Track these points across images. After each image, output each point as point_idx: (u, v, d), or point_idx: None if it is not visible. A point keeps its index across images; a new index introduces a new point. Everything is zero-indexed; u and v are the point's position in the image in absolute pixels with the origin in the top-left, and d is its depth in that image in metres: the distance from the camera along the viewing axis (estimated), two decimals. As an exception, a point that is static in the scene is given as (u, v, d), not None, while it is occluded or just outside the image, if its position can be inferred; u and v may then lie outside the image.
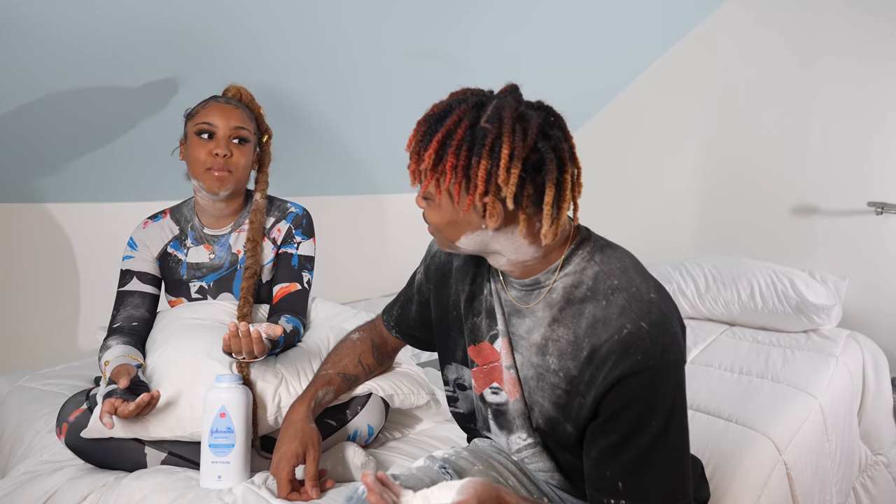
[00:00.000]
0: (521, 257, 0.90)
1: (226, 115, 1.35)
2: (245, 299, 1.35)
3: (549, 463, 0.98)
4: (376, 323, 1.28)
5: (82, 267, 2.00)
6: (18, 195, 1.85)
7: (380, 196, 2.88)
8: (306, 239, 1.47)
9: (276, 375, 1.26)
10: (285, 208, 1.48)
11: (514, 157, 0.80)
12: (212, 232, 1.45)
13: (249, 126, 1.39)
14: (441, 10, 1.93)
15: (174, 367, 1.24)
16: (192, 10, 1.52)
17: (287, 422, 1.14)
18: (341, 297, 2.58)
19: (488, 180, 0.81)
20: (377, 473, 0.79)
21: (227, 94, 1.45)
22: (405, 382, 1.34)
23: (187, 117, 1.40)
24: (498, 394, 0.99)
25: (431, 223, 0.91)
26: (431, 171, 0.84)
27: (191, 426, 1.18)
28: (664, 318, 0.85)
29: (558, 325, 0.91)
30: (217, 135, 1.34)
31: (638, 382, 0.82)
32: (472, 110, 0.83)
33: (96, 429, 1.16)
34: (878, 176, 2.39)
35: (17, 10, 1.31)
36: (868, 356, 2.14)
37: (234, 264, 1.43)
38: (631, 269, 0.90)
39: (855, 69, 2.42)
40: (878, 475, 2.05)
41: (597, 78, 2.86)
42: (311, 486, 1.08)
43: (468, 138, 0.82)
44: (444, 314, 1.08)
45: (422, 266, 1.15)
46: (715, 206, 2.85)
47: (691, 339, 2.23)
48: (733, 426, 1.52)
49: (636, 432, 0.83)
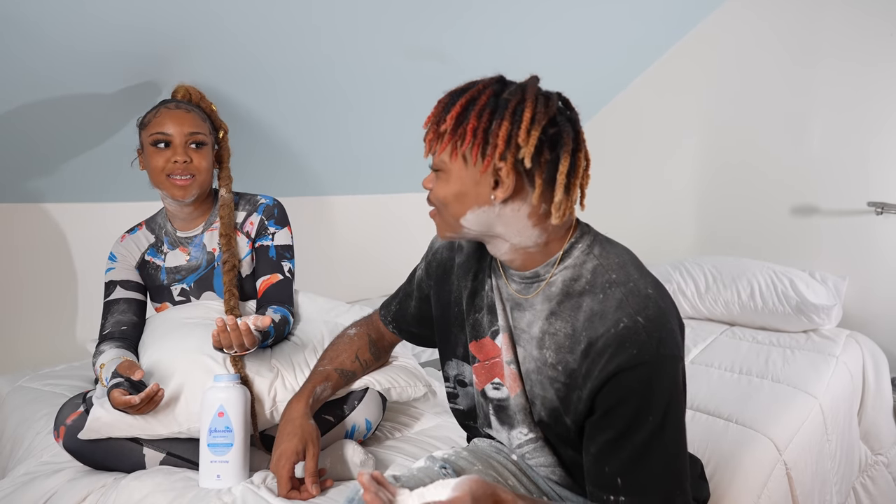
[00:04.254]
0: (523, 242, 0.90)
1: (179, 121, 1.34)
2: (230, 293, 1.35)
3: (551, 458, 0.99)
4: (373, 318, 1.28)
5: (83, 267, 2.00)
6: (18, 195, 1.85)
7: (379, 196, 2.88)
8: (280, 228, 1.46)
9: (271, 370, 1.26)
10: (255, 201, 1.48)
11: (535, 122, 0.83)
12: (185, 234, 1.45)
13: (203, 128, 1.38)
14: (438, 9, 1.93)
15: (167, 365, 1.24)
16: (192, 10, 1.52)
17: (285, 419, 1.14)
18: (340, 297, 2.56)
19: (508, 141, 0.83)
20: (372, 473, 0.79)
21: (175, 95, 1.45)
22: (402, 375, 1.34)
23: (140, 126, 1.39)
24: (499, 389, 0.99)
25: (438, 199, 0.91)
26: (451, 132, 0.86)
27: (187, 422, 1.18)
28: (661, 314, 0.86)
29: (556, 319, 0.91)
30: (173, 143, 1.34)
31: (634, 377, 0.83)
32: (495, 84, 0.88)
33: (93, 429, 1.16)
34: (878, 176, 2.39)
35: (16, 8, 1.31)
36: (868, 356, 2.14)
37: (210, 262, 1.43)
38: (629, 265, 0.91)
39: (855, 69, 2.42)
40: (878, 475, 2.04)
41: (596, 78, 2.87)
42: (311, 483, 1.08)
43: (491, 104, 0.86)
44: (446, 311, 1.08)
45: (423, 262, 1.15)
46: (715, 206, 2.85)
47: (691, 338, 2.22)
48: (733, 426, 1.51)
49: (633, 428, 0.84)
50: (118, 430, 1.17)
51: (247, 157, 2.14)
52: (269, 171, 2.26)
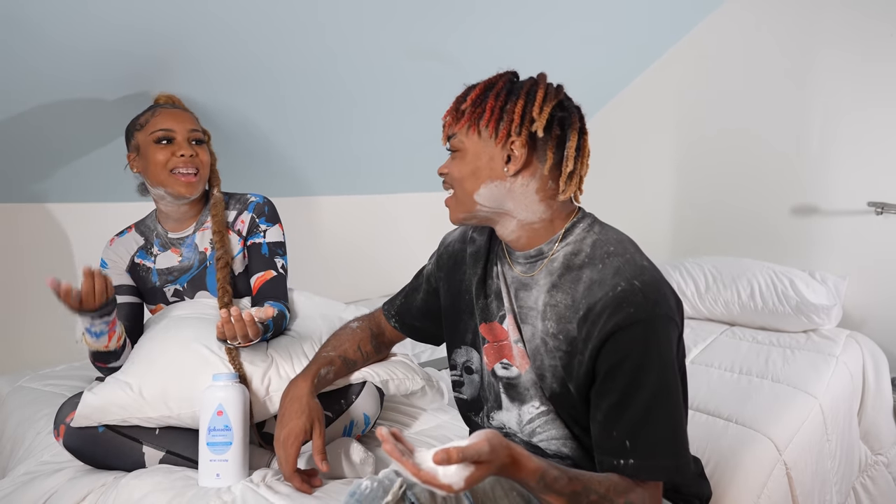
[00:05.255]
0: (529, 217, 0.97)
1: (179, 119, 1.39)
2: (223, 289, 1.36)
3: (563, 430, 1.00)
4: (375, 315, 1.32)
5: (82, 266, 1.99)
6: (21, 195, 1.85)
7: (379, 196, 2.88)
8: (271, 225, 1.47)
9: (265, 360, 1.26)
10: (245, 199, 1.48)
11: (548, 100, 0.94)
12: (176, 235, 1.46)
13: (199, 127, 1.43)
14: (444, 11, 1.93)
15: (161, 351, 1.24)
16: (195, 11, 1.52)
17: (290, 397, 1.13)
18: (339, 297, 2.56)
19: (523, 116, 0.93)
20: (391, 429, 0.78)
21: (158, 101, 1.48)
22: (399, 368, 1.35)
23: (134, 129, 1.40)
24: (508, 369, 1.03)
25: (454, 177, 0.98)
26: (470, 110, 0.95)
27: (178, 408, 1.19)
28: (656, 280, 0.92)
29: (557, 291, 0.96)
30: (176, 139, 1.37)
31: (631, 335, 0.87)
32: (510, 75, 1.00)
33: (84, 415, 1.17)
34: (878, 176, 2.39)
35: (19, 10, 1.32)
36: (868, 356, 2.14)
37: (203, 262, 1.44)
38: (627, 242, 0.98)
39: (855, 69, 2.42)
40: (878, 475, 2.04)
41: (598, 78, 2.87)
42: (319, 460, 1.08)
43: (507, 87, 0.96)
44: (456, 299, 1.11)
45: (433, 257, 1.21)
46: (715, 206, 2.85)
47: (691, 338, 2.23)
48: (733, 426, 1.52)
49: (634, 386, 0.87)
50: (109, 415, 1.18)
51: (248, 158, 2.15)
52: (268, 173, 2.27)
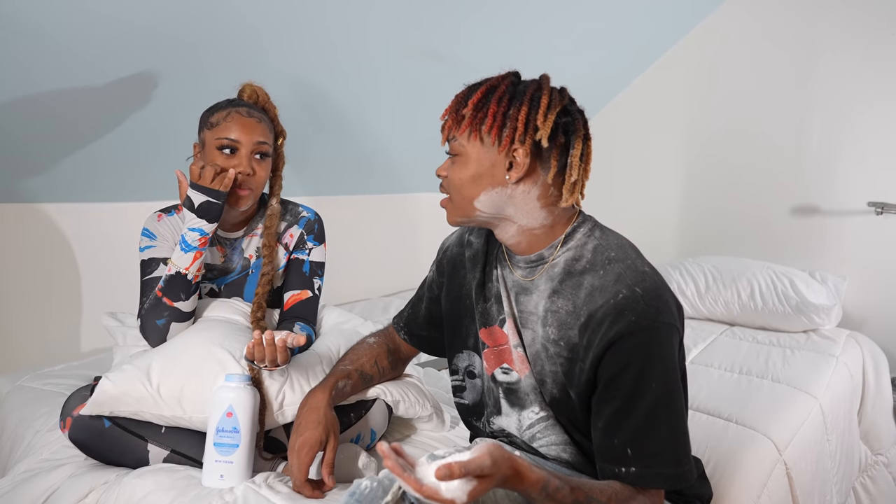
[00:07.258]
0: (530, 223, 0.95)
1: (249, 129, 1.29)
2: (259, 304, 1.33)
3: (563, 435, 0.99)
4: (389, 329, 1.31)
5: (81, 266, 1.99)
6: (17, 195, 1.85)
7: (379, 196, 2.88)
8: (318, 245, 1.45)
9: (282, 373, 1.25)
10: (297, 213, 1.45)
11: (552, 107, 0.91)
12: (225, 235, 1.42)
13: (269, 139, 1.34)
14: (450, 10, 1.93)
15: (182, 351, 1.23)
16: (193, 10, 1.52)
17: (308, 407, 1.12)
18: (341, 297, 2.58)
19: (527, 124, 0.90)
20: (392, 444, 0.77)
21: (242, 95, 1.38)
22: (412, 392, 1.33)
23: (205, 125, 1.32)
24: (508, 373, 1.02)
25: (453, 183, 0.96)
26: (472, 115, 0.92)
27: (191, 410, 1.18)
28: (658, 287, 0.91)
29: (558, 297, 0.95)
30: (240, 151, 1.29)
31: (632, 343, 0.86)
32: (512, 77, 0.97)
33: (98, 402, 1.16)
34: (878, 176, 2.39)
35: (13, 6, 1.31)
36: (868, 356, 2.14)
37: (245, 269, 1.41)
38: (627, 247, 0.96)
39: (855, 69, 2.42)
40: (878, 475, 2.05)
41: (601, 76, 2.87)
42: (327, 475, 1.08)
43: (510, 91, 0.93)
44: (457, 304, 1.11)
45: (433, 265, 1.20)
46: (715, 206, 2.85)
47: (691, 338, 2.23)
48: (733, 426, 1.52)
49: (636, 394, 0.86)
50: (123, 405, 1.16)
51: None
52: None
